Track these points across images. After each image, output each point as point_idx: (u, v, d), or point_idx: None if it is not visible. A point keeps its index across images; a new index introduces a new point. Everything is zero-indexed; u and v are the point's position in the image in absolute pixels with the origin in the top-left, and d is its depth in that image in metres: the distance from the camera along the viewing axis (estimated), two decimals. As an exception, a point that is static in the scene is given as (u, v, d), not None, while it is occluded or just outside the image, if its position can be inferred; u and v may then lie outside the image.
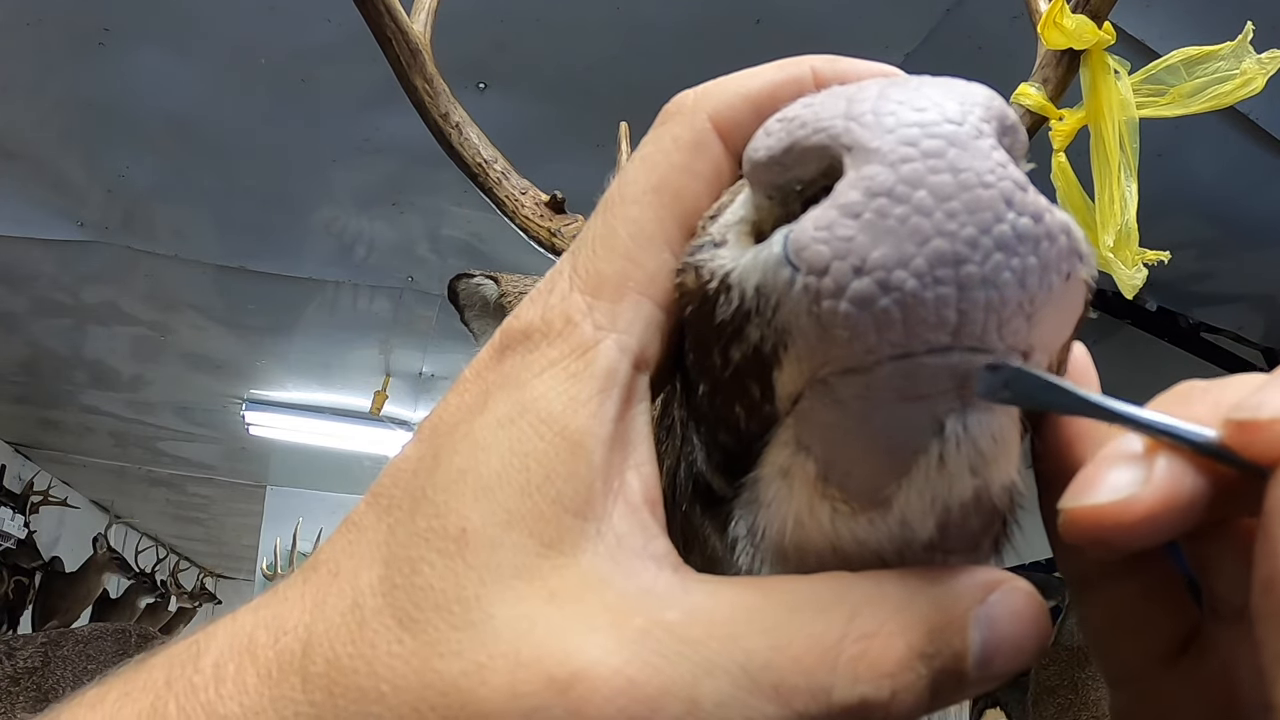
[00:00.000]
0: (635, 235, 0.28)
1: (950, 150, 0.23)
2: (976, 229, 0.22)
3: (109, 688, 0.27)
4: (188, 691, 0.25)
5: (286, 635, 0.25)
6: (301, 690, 0.24)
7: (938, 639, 0.24)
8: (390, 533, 0.26)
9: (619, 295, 0.27)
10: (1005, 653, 0.25)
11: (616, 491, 0.25)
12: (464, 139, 1.13)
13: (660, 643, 0.23)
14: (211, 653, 0.26)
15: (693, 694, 0.22)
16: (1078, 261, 0.24)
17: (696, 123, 0.29)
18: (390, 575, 0.24)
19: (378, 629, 0.24)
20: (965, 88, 0.25)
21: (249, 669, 0.25)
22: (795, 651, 0.23)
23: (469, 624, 0.23)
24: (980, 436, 0.25)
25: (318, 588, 0.26)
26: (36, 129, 3.09)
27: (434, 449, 0.27)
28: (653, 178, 0.28)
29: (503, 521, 0.24)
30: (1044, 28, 1.12)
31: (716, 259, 0.26)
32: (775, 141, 0.25)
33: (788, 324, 0.23)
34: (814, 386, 0.24)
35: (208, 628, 0.27)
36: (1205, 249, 3.24)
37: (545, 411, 0.25)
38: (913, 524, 0.25)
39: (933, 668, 0.24)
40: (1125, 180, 1.16)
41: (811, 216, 0.23)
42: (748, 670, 0.22)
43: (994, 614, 0.25)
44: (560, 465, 0.25)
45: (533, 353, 0.27)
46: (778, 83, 0.29)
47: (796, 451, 0.26)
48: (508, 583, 0.23)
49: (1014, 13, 2.29)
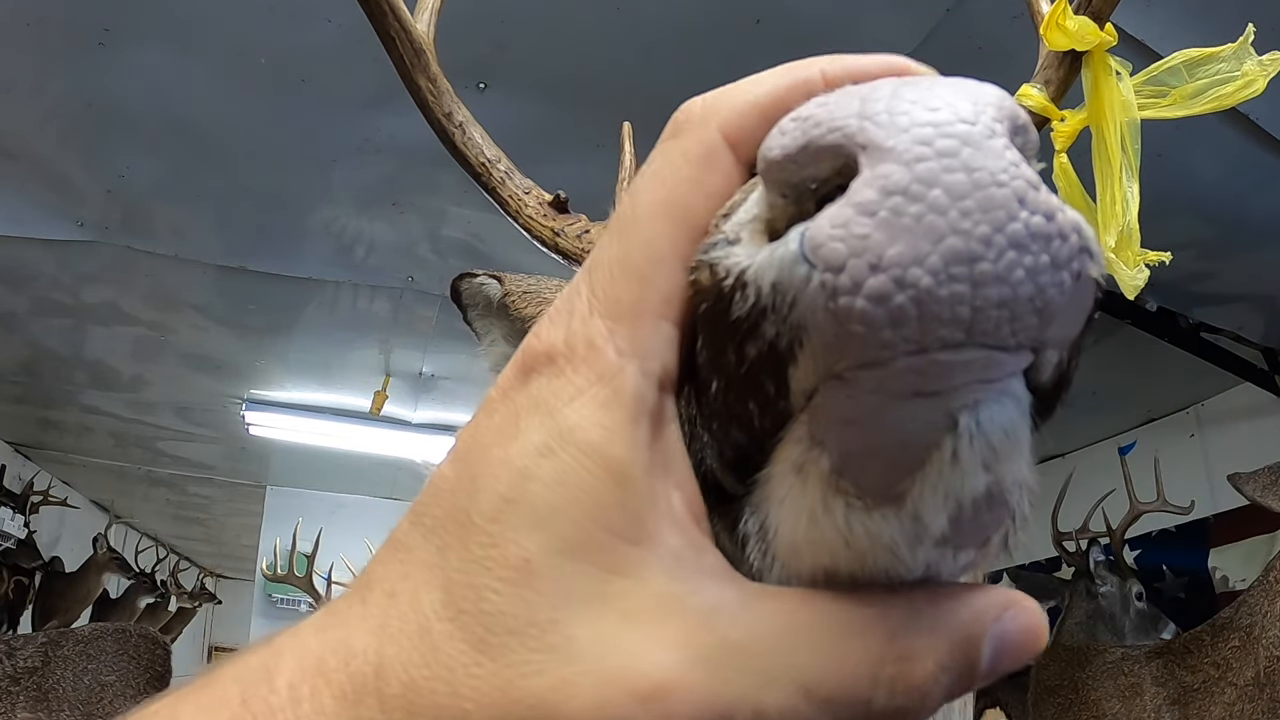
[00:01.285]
0: (650, 257, 0.28)
1: (964, 149, 0.23)
2: (990, 227, 0.23)
3: (181, 701, 0.28)
4: (265, 712, 0.26)
5: (356, 658, 0.26)
6: (380, 711, 0.26)
7: (959, 655, 0.27)
8: (441, 555, 0.27)
9: (638, 319, 0.28)
10: (1009, 660, 0.28)
11: (664, 512, 0.27)
12: (467, 139, 1.13)
13: (729, 658, 0.25)
14: (284, 673, 0.27)
15: (758, 705, 0.25)
16: (1088, 259, 0.25)
17: (706, 136, 0.29)
18: (454, 601, 0.26)
19: (452, 653, 0.26)
20: (977, 88, 0.25)
21: (324, 691, 0.26)
22: (844, 670, 0.26)
23: (549, 646, 0.25)
24: (993, 432, 0.25)
25: (378, 610, 0.27)
26: (36, 129, 3.09)
27: (471, 471, 0.28)
28: (662, 195, 0.29)
29: (563, 551, 0.26)
30: (1046, 29, 1.12)
31: (731, 256, 0.26)
32: (790, 140, 0.25)
33: (804, 320, 0.24)
34: (829, 382, 0.25)
35: (271, 644, 0.29)
36: (1205, 249, 3.24)
37: (585, 442, 0.27)
38: (925, 519, 0.26)
39: (952, 677, 0.27)
40: (1127, 181, 1.16)
41: (828, 214, 0.24)
42: (803, 684, 0.26)
43: (1006, 629, 0.28)
44: (608, 496, 0.26)
45: (559, 377, 0.28)
46: (787, 89, 0.29)
47: (810, 447, 0.26)
48: (581, 607, 0.26)
49: (1014, 13, 2.30)
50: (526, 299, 1.03)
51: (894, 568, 0.27)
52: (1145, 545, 4.56)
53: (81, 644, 3.51)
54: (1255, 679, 2.74)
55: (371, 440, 5.63)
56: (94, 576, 6.27)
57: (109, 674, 3.48)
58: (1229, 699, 2.82)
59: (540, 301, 1.02)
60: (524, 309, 1.02)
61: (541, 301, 1.02)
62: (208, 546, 10.18)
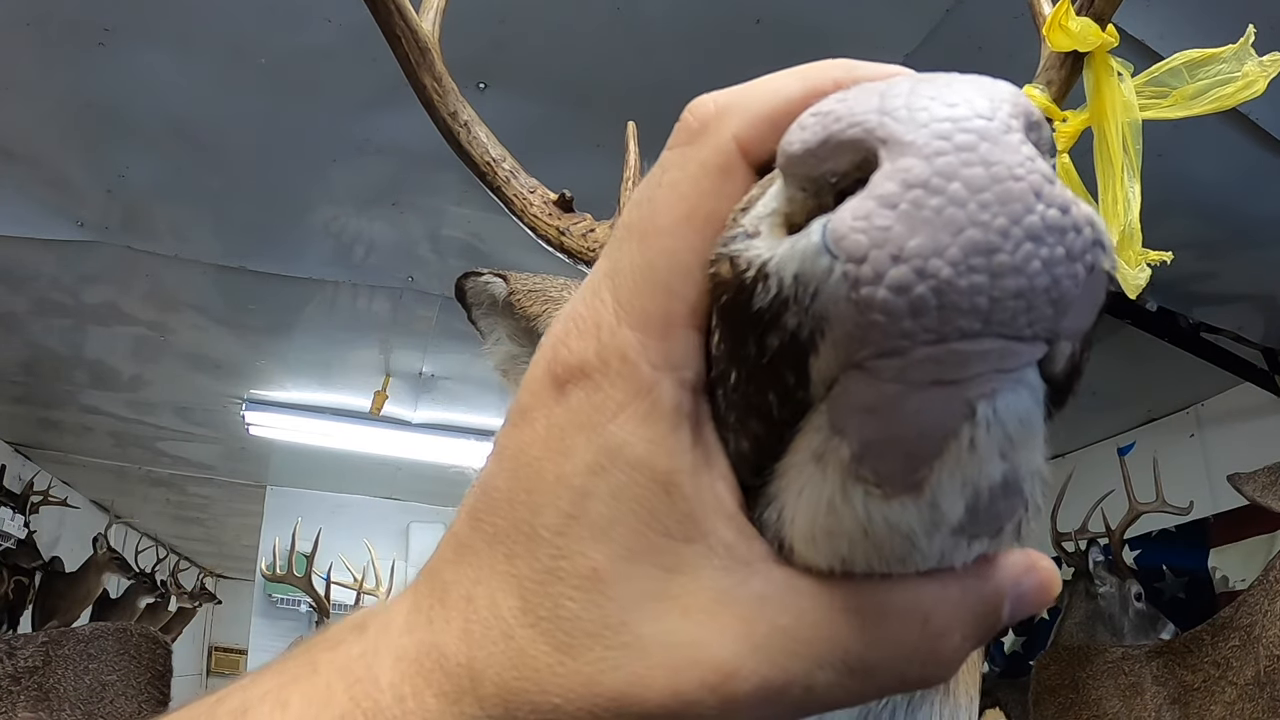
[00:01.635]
0: (674, 267, 0.29)
1: (982, 144, 0.24)
2: (1008, 220, 0.23)
3: (285, 688, 0.31)
4: (374, 710, 0.30)
5: (448, 660, 0.30)
6: (480, 708, 0.29)
7: (983, 622, 0.30)
8: (510, 563, 0.30)
9: (667, 331, 0.29)
10: (1025, 612, 0.32)
11: (712, 508, 0.29)
12: (472, 137, 1.13)
13: (782, 643, 0.28)
14: (384, 673, 0.30)
15: (809, 682, 0.28)
16: (1100, 252, 0.25)
17: (723, 145, 0.30)
18: (532, 608, 0.29)
19: (537, 655, 0.29)
20: (993, 84, 0.25)
21: (425, 691, 0.30)
22: (884, 650, 0.29)
23: (623, 645, 0.28)
24: (1010, 421, 0.26)
25: (459, 614, 0.30)
26: (36, 129, 3.08)
27: (526, 486, 0.30)
28: (684, 207, 0.30)
29: (626, 557, 0.29)
30: (1049, 30, 1.13)
31: (752, 249, 0.27)
32: (810, 135, 0.26)
33: (826, 310, 0.24)
34: (849, 372, 0.25)
35: (363, 636, 0.32)
36: (1205, 249, 3.24)
37: (633, 458, 0.29)
38: (944, 507, 0.26)
39: (975, 642, 0.30)
40: (1128, 181, 1.16)
41: (849, 207, 0.24)
42: (848, 663, 0.29)
43: (1022, 591, 0.31)
44: (661, 505, 0.29)
45: (597, 392, 0.29)
46: (799, 98, 0.30)
47: (830, 436, 0.26)
48: (647, 606, 0.28)
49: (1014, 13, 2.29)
50: (532, 298, 1.03)
51: (910, 556, 0.28)
52: (1145, 545, 4.56)
53: (82, 643, 3.51)
54: (1255, 678, 2.74)
55: (371, 440, 5.62)
56: (94, 576, 6.26)
57: (110, 673, 3.48)
58: (1229, 698, 2.82)
59: (546, 300, 1.02)
60: (529, 307, 1.02)
61: (547, 300, 1.02)
62: (208, 546, 10.17)
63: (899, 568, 0.28)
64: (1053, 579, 0.32)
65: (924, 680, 0.30)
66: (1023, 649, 5.01)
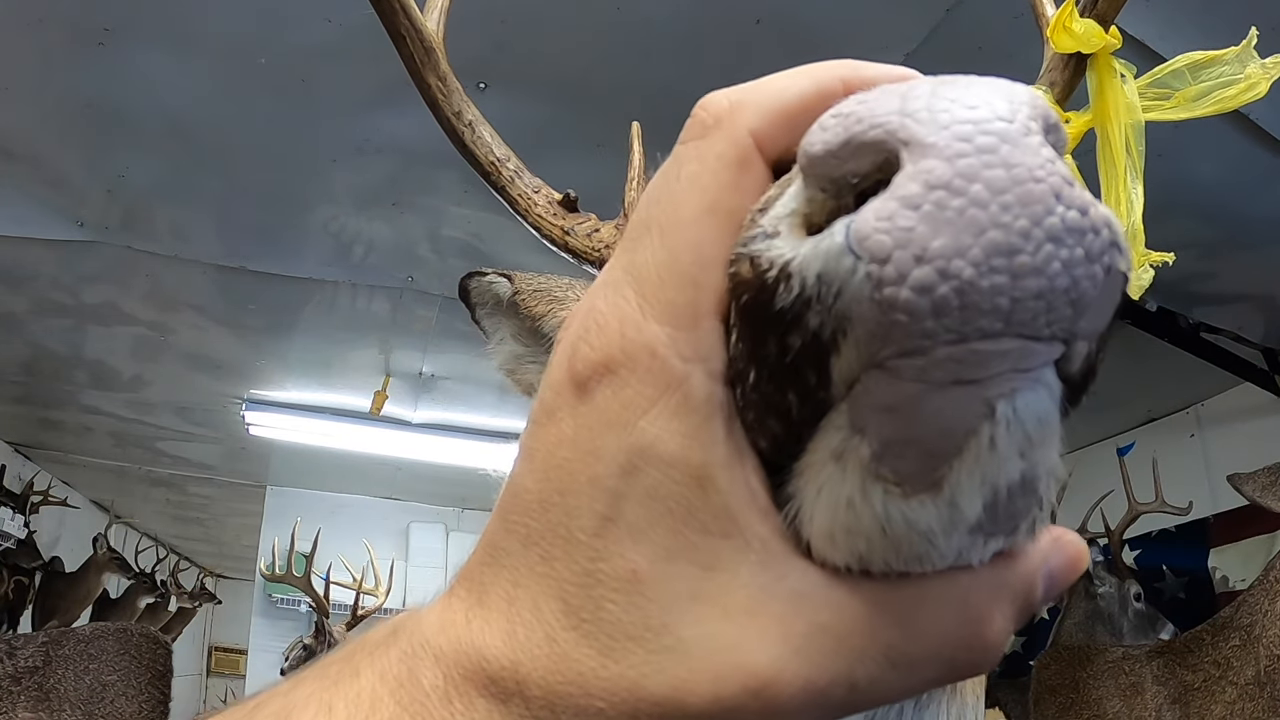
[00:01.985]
0: (698, 259, 0.29)
1: (1003, 146, 0.24)
2: (1029, 221, 0.23)
3: (328, 690, 0.31)
4: (421, 711, 0.30)
5: (491, 664, 0.30)
6: (527, 710, 0.29)
7: (1020, 602, 0.31)
8: (549, 566, 0.30)
9: (695, 323, 0.29)
10: (1058, 588, 0.32)
11: (747, 502, 0.29)
12: (477, 137, 1.13)
13: (822, 643, 0.28)
14: (426, 674, 0.30)
15: (851, 679, 0.28)
16: (1118, 254, 0.25)
17: (740, 139, 0.30)
18: (574, 611, 0.29)
19: (580, 659, 0.29)
20: (1011, 87, 0.26)
21: (473, 693, 0.29)
22: (925, 641, 0.29)
23: (665, 648, 0.28)
24: (1029, 420, 0.26)
25: (500, 616, 0.30)
26: (36, 129, 3.08)
27: (559, 488, 0.30)
28: (706, 199, 0.29)
29: (665, 558, 0.28)
30: (1053, 32, 1.13)
31: (773, 249, 0.27)
32: (832, 136, 0.26)
33: (848, 310, 0.25)
34: (870, 371, 0.25)
35: (399, 639, 0.32)
36: (1205, 249, 3.25)
37: (666, 455, 0.28)
38: (962, 505, 0.27)
39: (1016, 623, 0.31)
40: (1131, 182, 1.17)
41: (872, 208, 0.24)
42: (890, 657, 0.28)
43: (1053, 567, 0.31)
44: (696, 501, 0.28)
45: (625, 388, 0.29)
46: (811, 96, 0.30)
47: (850, 435, 0.27)
48: (687, 607, 0.28)
49: (1014, 13, 2.30)
50: (537, 297, 1.03)
51: (928, 555, 0.28)
52: (1145, 545, 4.56)
53: (83, 643, 3.50)
54: (1256, 678, 2.74)
55: (371, 440, 5.62)
56: (94, 576, 6.26)
57: (110, 673, 3.48)
58: (1230, 698, 2.83)
59: (551, 300, 1.02)
60: (534, 307, 1.02)
61: (552, 300, 1.02)
62: (208, 546, 10.17)
63: (916, 566, 0.28)
64: (1080, 552, 0.32)
65: (972, 667, 0.30)
66: (1023, 649, 5.01)
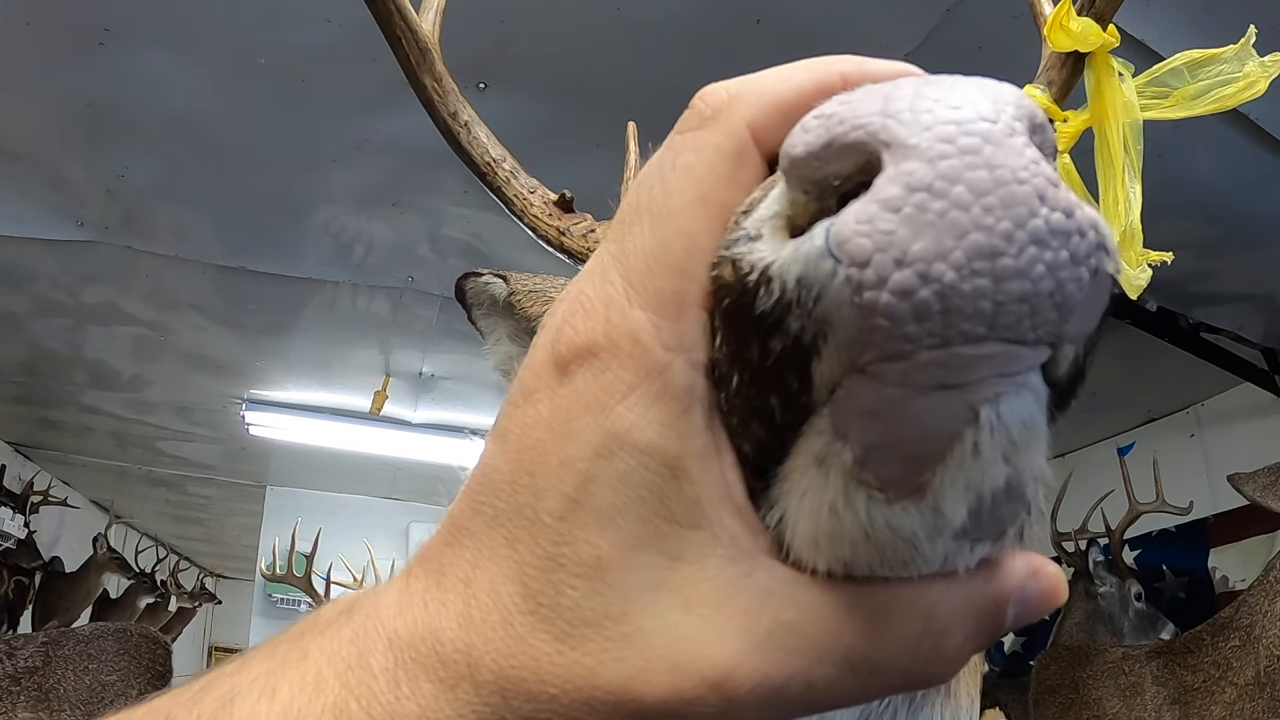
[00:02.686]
0: (688, 249, 0.28)
1: (986, 147, 0.24)
2: (1012, 223, 0.23)
3: (274, 674, 0.30)
4: (367, 695, 0.29)
5: (445, 646, 0.29)
6: (476, 695, 0.28)
7: (986, 624, 0.30)
8: (511, 548, 0.29)
9: (681, 312, 0.28)
10: (1028, 619, 0.31)
11: (720, 496, 0.28)
12: (473, 138, 1.13)
13: (784, 640, 0.28)
14: (376, 657, 0.29)
15: (810, 678, 0.28)
16: (1104, 256, 0.25)
17: (736, 130, 0.29)
18: (533, 595, 0.28)
19: (536, 644, 0.28)
20: (997, 87, 0.25)
21: (421, 677, 0.29)
22: (886, 647, 0.28)
23: (623, 636, 0.28)
24: (1013, 425, 0.26)
25: (457, 598, 0.30)
26: (36, 129, 3.08)
27: (529, 469, 0.29)
28: (699, 190, 0.29)
29: (631, 545, 0.28)
30: (1050, 30, 1.12)
31: (755, 252, 0.26)
32: (814, 138, 0.25)
33: (829, 314, 0.24)
34: (852, 376, 0.25)
35: (352, 621, 0.31)
36: (1205, 249, 3.24)
37: (641, 442, 0.28)
38: (946, 511, 0.26)
39: (979, 643, 0.30)
40: (1129, 182, 1.16)
41: (853, 210, 0.24)
42: (850, 660, 0.28)
43: (1027, 595, 0.30)
44: (668, 489, 0.28)
45: (605, 373, 0.28)
46: (810, 89, 0.29)
47: (833, 440, 0.26)
48: (649, 597, 0.28)
49: (1014, 13, 2.29)
50: (532, 298, 1.03)
51: (912, 560, 0.28)
52: (1145, 545, 4.56)
53: (82, 644, 3.50)
54: (1256, 678, 2.74)
55: (371, 440, 5.62)
56: (94, 576, 6.26)
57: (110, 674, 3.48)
58: (1229, 698, 2.82)
59: (546, 301, 1.02)
60: (530, 308, 1.02)
61: (547, 301, 1.02)
62: (208, 546, 10.17)
63: (901, 571, 0.28)
64: (1057, 586, 0.31)
65: (926, 679, 0.30)
66: (1023, 649, 5.01)
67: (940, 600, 0.29)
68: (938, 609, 0.29)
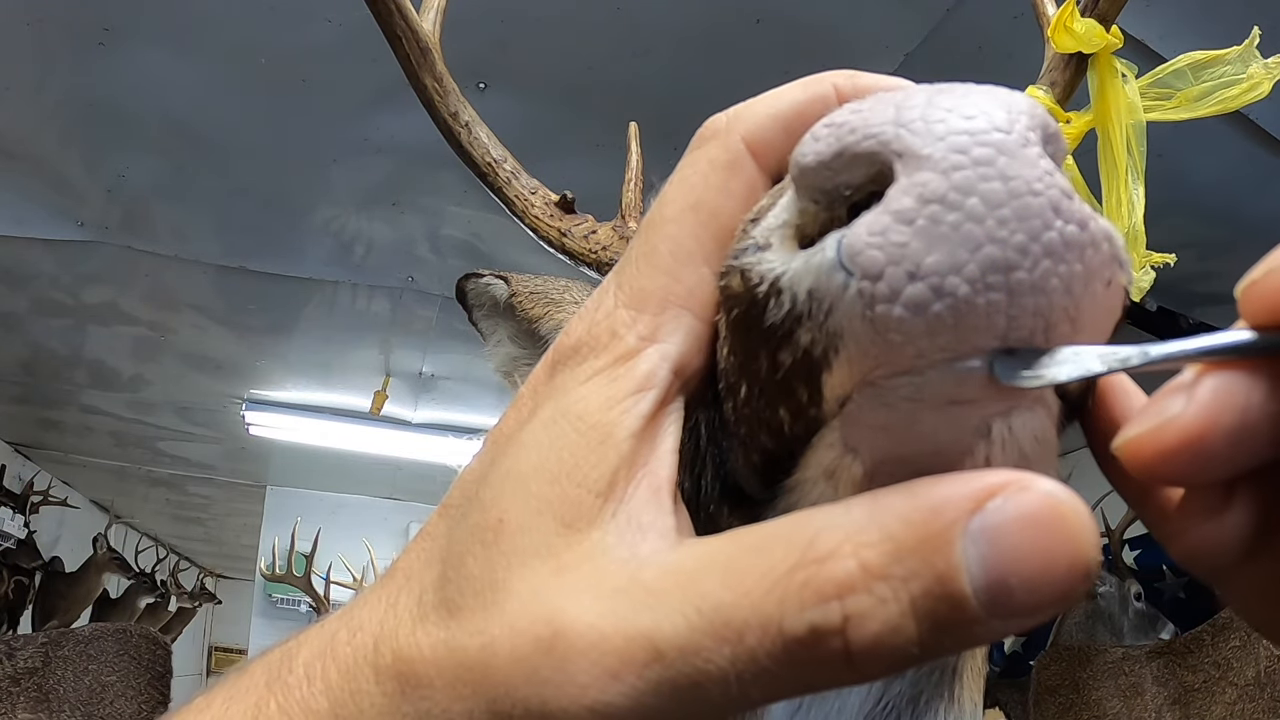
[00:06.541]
0: (675, 252, 0.29)
1: (1000, 158, 0.23)
2: (1026, 236, 0.23)
3: (215, 694, 0.30)
4: (284, 690, 0.28)
5: (360, 632, 0.28)
6: (375, 682, 0.26)
7: (909, 557, 0.21)
8: (449, 533, 0.28)
9: (661, 308, 0.28)
10: (1024, 574, 0.20)
11: (640, 478, 0.27)
12: (473, 138, 1.12)
13: (631, 597, 0.24)
14: (303, 654, 0.29)
15: (653, 641, 0.23)
16: (1118, 268, 0.25)
17: (730, 143, 0.30)
18: (445, 571, 0.27)
19: (433, 619, 0.26)
20: (1010, 96, 0.25)
21: (331, 666, 0.28)
22: (746, 587, 0.22)
23: (494, 604, 0.25)
24: (1025, 439, 0.25)
25: (391, 590, 0.29)
26: (36, 129, 3.08)
27: (492, 458, 0.29)
28: (691, 197, 0.30)
29: (534, 509, 0.26)
30: (1053, 31, 1.12)
31: (764, 262, 0.26)
32: (824, 147, 0.25)
33: (840, 327, 0.24)
34: (863, 389, 0.25)
35: (302, 633, 0.30)
36: (1205, 249, 3.24)
37: (582, 409, 0.27)
38: None
39: (910, 592, 0.21)
40: (1132, 183, 1.16)
41: (865, 222, 0.23)
42: (701, 611, 0.22)
43: (994, 523, 0.21)
44: (589, 453, 0.26)
45: (580, 365, 0.28)
46: (804, 102, 0.30)
47: (843, 453, 0.26)
48: (528, 563, 0.25)
49: (1014, 13, 2.29)
50: (533, 299, 1.02)
51: None
52: (1145, 545, 4.56)
53: (82, 644, 3.50)
54: (1256, 678, 2.74)
55: (371, 440, 5.62)
56: (94, 576, 6.25)
57: (110, 674, 3.48)
58: (1230, 698, 2.82)
59: (547, 302, 1.02)
60: (531, 309, 1.02)
61: (549, 302, 1.02)
62: (208, 546, 10.18)
63: None
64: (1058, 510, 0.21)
65: (812, 630, 0.21)
66: (1023, 649, 5.00)
67: (832, 520, 0.22)
68: (824, 532, 0.22)
